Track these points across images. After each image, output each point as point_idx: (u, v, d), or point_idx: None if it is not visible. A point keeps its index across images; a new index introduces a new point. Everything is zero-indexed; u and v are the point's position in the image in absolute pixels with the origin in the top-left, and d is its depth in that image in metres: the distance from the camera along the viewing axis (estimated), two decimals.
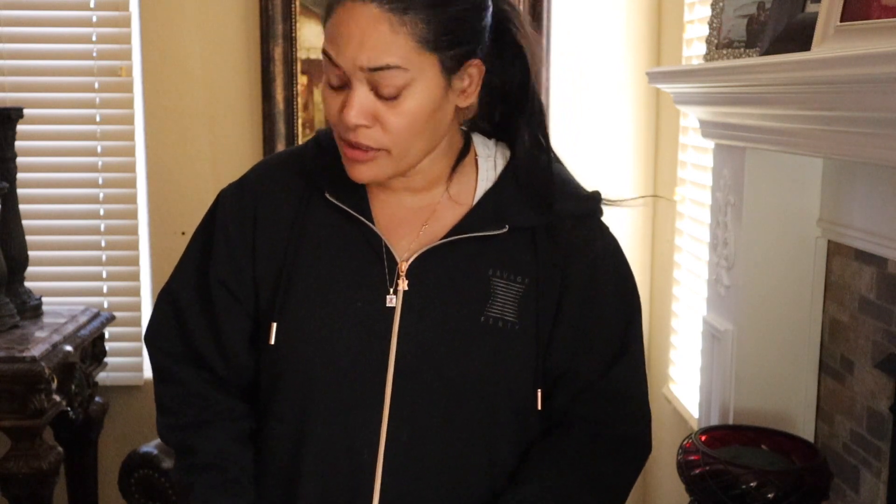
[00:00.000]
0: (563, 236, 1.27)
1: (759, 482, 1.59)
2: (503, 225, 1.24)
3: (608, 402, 1.29)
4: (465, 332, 1.23)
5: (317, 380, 1.23)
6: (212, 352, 1.31)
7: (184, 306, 1.32)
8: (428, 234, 1.26)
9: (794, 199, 1.83)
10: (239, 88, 2.76)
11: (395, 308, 1.23)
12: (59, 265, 2.82)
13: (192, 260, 1.34)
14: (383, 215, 1.27)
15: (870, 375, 1.66)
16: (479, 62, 1.21)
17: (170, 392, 1.33)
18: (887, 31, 1.25)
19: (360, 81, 1.14)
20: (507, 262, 1.25)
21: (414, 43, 1.13)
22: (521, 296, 1.25)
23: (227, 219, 1.31)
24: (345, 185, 1.25)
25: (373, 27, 1.12)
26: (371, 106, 1.15)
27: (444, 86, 1.18)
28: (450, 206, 1.28)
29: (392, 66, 1.13)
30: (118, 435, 2.85)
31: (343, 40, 1.13)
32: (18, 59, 2.75)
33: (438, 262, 1.24)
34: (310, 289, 1.25)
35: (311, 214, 1.27)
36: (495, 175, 1.29)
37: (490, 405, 1.24)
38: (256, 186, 1.31)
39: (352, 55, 1.13)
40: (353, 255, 1.25)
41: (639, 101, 2.79)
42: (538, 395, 1.27)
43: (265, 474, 1.30)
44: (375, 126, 1.16)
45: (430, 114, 1.18)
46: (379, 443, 1.21)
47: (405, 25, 1.12)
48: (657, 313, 2.81)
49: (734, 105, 1.71)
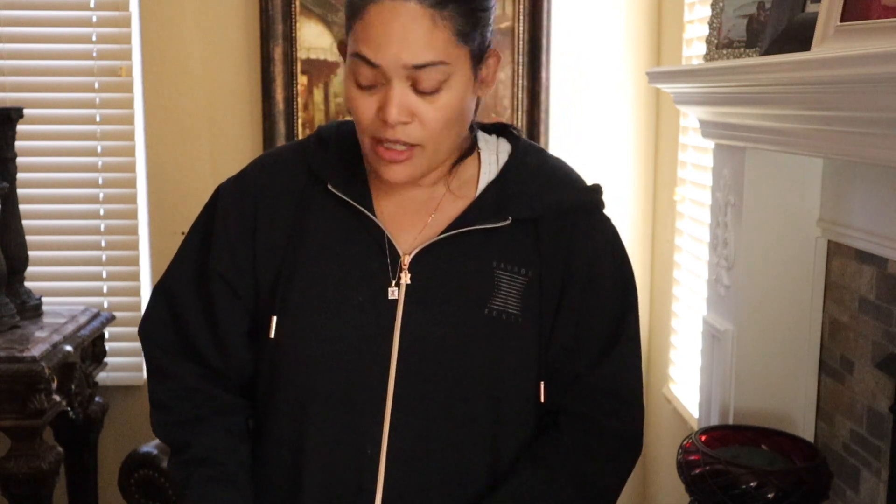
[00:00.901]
0: (565, 228, 1.27)
1: (759, 482, 1.59)
2: (506, 217, 1.24)
3: (598, 396, 1.28)
4: (469, 324, 1.23)
5: (319, 374, 1.23)
6: (208, 346, 1.30)
7: (181, 300, 1.31)
8: (431, 227, 1.26)
9: (794, 199, 1.83)
10: (239, 88, 2.76)
11: (397, 301, 1.23)
12: (59, 265, 2.82)
13: (191, 254, 1.33)
14: (386, 208, 1.27)
15: (870, 375, 1.66)
16: (494, 50, 1.23)
17: (164, 388, 1.33)
18: (887, 31, 1.25)
19: (400, 78, 1.15)
20: (510, 254, 1.25)
21: (452, 36, 1.15)
22: (524, 288, 1.25)
23: (228, 213, 1.30)
24: (347, 177, 1.25)
25: (416, 24, 1.13)
26: (410, 102, 1.16)
27: (472, 77, 1.20)
28: (452, 199, 1.28)
29: (436, 62, 1.14)
30: (118, 435, 2.85)
31: (383, 39, 1.13)
32: (18, 59, 2.75)
33: (441, 255, 1.24)
34: (311, 282, 1.25)
35: (312, 207, 1.27)
36: (497, 168, 1.29)
37: (493, 398, 1.24)
38: (257, 180, 1.31)
39: (395, 54, 1.13)
40: (355, 248, 1.25)
41: (639, 101, 2.79)
42: (541, 387, 1.27)
43: (268, 470, 1.29)
44: (413, 122, 1.17)
45: (462, 106, 1.20)
46: (382, 436, 1.21)
47: (445, 20, 1.14)
48: (657, 313, 2.81)
49: (734, 105, 1.71)
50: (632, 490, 2.87)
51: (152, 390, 1.34)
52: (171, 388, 1.32)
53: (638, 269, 2.82)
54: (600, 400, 1.29)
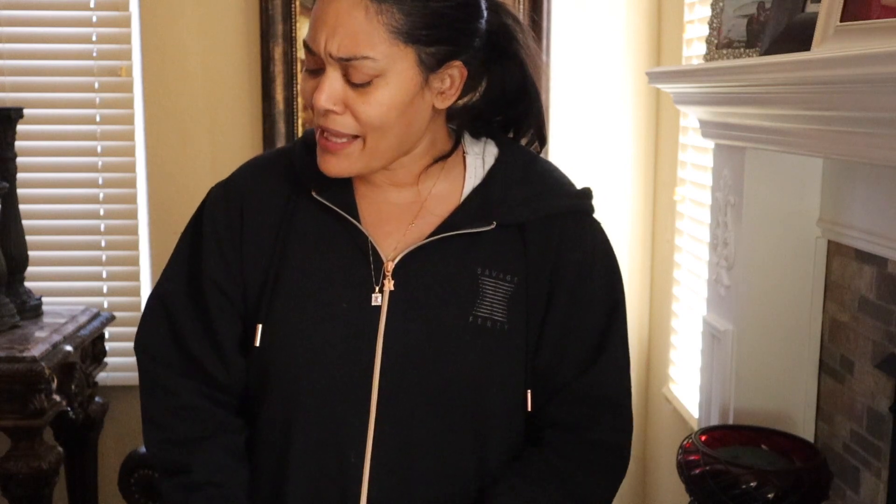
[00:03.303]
0: (552, 234, 1.25)
1: (759, 482, 1.59)
2: (491, 221, 1.22)
3: (585, 405, 1.26)
4: (453, 332, 1.21)
5: (302, 381, 1.22)
6: (208, 356, 1.27)
7: (176, 309, 1.29)
8: (415, 232, 1.25)
9: (794, 199, 1.83)
10: (239, 88, 2.76)
11: (380, 308, 1.21)
12: (59, 265, 2.82)
13: (183, 262, 1.31)
14: (369, 213, 1.26)
15: (870, 375, 1.66)
16: (460, 65, 1.19)
17: (159, 404, 1.29)
18: (887, 31, 1.25)
19: (333, 67, 1.14)
20: (495, 260, 1.23)
21: (388, 33, 1.12)
22: (510, 295, 1.23)
23: (216, 219, 1.29)
24: (331, 183, 1.24)
25: (348, 13, 1.12)
26: (341, 92, 1.15)
27: (420, 82, 1.17)
28: (437, 203, 1.26)
29: (359, 57, 1.12)
30: (118, 435, 2.85)
31: (319, 25, 1.14)
32: (18, 59, 2.75)
33: (425, 261, 1.22)
34: (296, 289, 1.23)
35: (297, 214, 1.26)
36: (483, 172, 1.27)
37: (478, 406, 1.22)
38: (242, 186, 1.30)
39: (324, 41, 1.13)
40: (339, 254, 1.24)
41: (639, 101, 2.79)
42: (528, 395, 1.25)
43: (254, 476, 1.28)
44: (346, 113, 1.16)
45: (403, 107, 1.16)
46: (366, 444, 1.20)
47: (381, 14, 1.12)
48: (657, 313, 2.81)
49: (734, 105, 1.71)
50: (631, 490, 2.87)
51: (147, 406, 1.30)
52: (168, 405, 1.28)
53: (638, 269, 2.86)
54: (587, 408, 1.26)
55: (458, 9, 1.17)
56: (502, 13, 1.25)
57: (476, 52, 1.21)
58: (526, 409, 1.26)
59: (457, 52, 1.18)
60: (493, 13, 1.23)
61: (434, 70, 1.17)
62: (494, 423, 1.24)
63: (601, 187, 1.34)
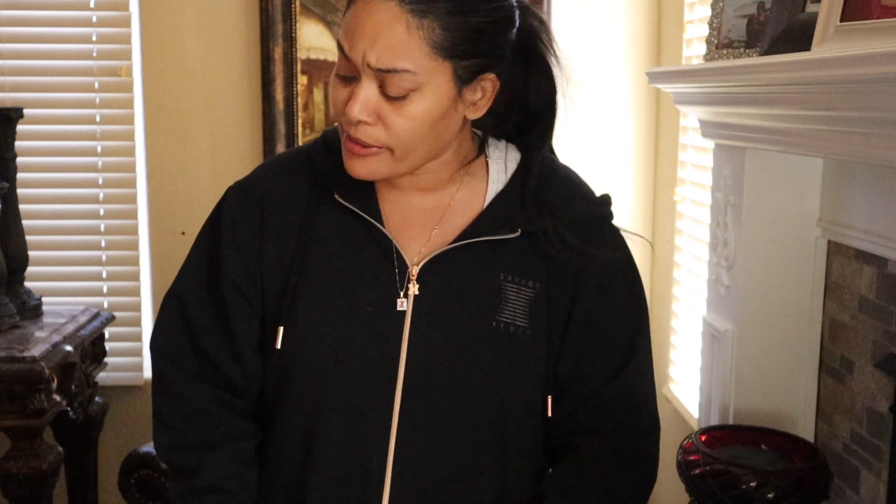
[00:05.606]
0: (574, 240, 1.24)
1: (759, 482, 1.59)
2: (515, 229, 1.23)
3: (616, 410, 1.27)
4: (476, 337, 1.21)
5: (325, 384, 1.21)
6: (225, 357, 1.26)
7: (193, 310, 1.27)
8: (439, 237, 1.24)
9: (794, 199, 1.83)
10: (239, 88, 2.76)
11: (405, 312, 1.21)
12: (59, 265, 2.82)
13: (200, 262, 1.29)
14: (393, 217, 1.25)
15: (870, 375, 1.66)
16: (494, 77, 1.19)
17: (171, 406, 1.28)
18: (887, 31, 1.25)
19: (369, 77, 1.12)
20: (518, 266, 1.23)
21: (428, 48, 1.11)
22: (532, 300, 1.23)
23: (235, 219, 1.27)
24: (354, 186, 1.23)
25: (388, 25, 1.10)
26: (376, 103, 1.13)
27: (454, 95, 1.16)
28: (460, 208, 1.26)
29: (399, 70, 1.11)
30: (118, 435, 2.85)
31: (357, 33, 1.12)
32: (18, 59, 2.75)
33: (449, 266, 1.22)
34: (319, 292, 1.23)
35: (319, 216, 1.25)
36: (506, 178, 1.27)
37: (500, 411, 1.23)
38: (263, 188, 1.28)
39: (363, 51, 1.11)
40: (362, 257, 1.23)
41: (639, 101, 2.79)
42: (548, 401, 1.26)
43: (272, 481, 1.27)
44: (378, 124, 1.14)
45: (435, 120, 1.16)
46: (388, 448, 1.20)
47: (422, 29, 1.10)
48: (657, 313, 2.81)
49: (734, 105, 1.71)
50: None
51: (159, 408, 1.29)
52: (180, 408, 1.27)
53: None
54: (618, 413, 1.27)
55: (496, 23, 1.16)
56: (528, 16, 1.23)
57: (506, 62, 1.20)
58: (546, 414, 1.26)
59: (490, 65, 1.17)
60: (521, 18, 1.22)
61: (468, 83, 1.17)
62: (515, 428, 1.25)
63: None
